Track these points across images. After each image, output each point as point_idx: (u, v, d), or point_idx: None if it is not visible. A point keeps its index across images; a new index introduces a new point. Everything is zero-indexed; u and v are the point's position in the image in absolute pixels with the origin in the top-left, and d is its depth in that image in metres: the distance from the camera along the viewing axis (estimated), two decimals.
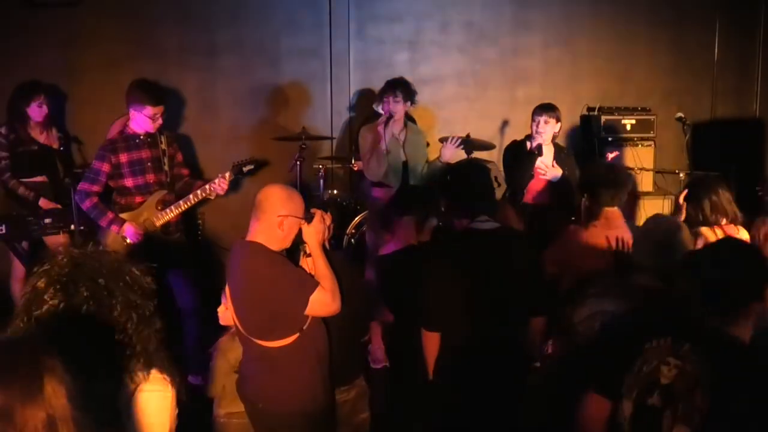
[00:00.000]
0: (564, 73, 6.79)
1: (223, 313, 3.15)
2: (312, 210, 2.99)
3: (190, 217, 5.51)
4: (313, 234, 2.96)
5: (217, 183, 4.44)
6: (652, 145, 6.47)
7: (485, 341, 3.23)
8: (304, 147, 5.74)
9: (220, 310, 3.16)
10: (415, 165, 5.39)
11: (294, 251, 3.02)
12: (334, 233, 3.21)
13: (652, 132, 6.50)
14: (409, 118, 5.57)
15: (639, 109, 6.61)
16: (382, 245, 4.18)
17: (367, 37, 6.56)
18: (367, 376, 3.53)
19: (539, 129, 5.08)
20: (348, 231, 5.70)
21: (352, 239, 5.70)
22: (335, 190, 6.14)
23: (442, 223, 3.87)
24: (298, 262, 3.00)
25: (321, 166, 5.96)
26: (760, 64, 7.09)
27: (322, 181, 5.94)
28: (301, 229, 2.96)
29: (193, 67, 6.23)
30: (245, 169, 4.59)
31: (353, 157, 5.93)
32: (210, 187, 4.46)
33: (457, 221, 3.40)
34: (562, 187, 5.11)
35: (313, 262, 2.96)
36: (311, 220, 2.96)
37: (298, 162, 5.67)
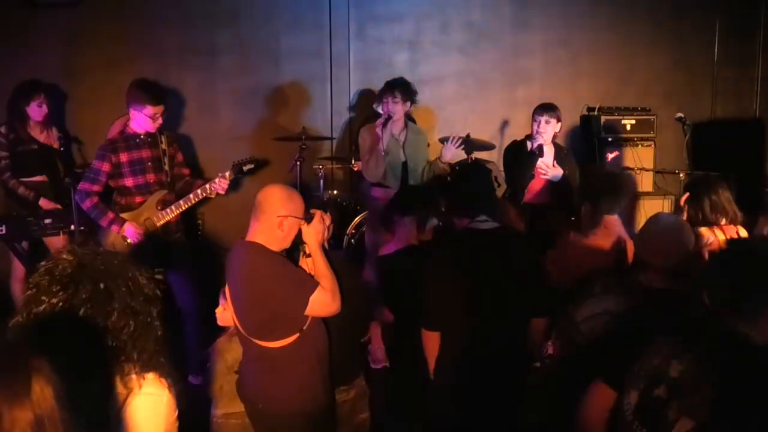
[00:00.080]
0: (564, 73, 6.79)
1: (221, 313, 3.14)
2: (312, 210, 2.99)
3: (190, 217, 5.51)
4: (313, 234, 2.96)
5: (218, 182, 4.44)
6: (652, 145, 6.48)
7: (485, 341, 3.22)
8: (304, 147, 5.74)
9: (218, 311, 3.16)
10: (415, 166, 5.37)
11: (294, 251, 3.02)
12: (334, 233, 3.22)
13: (652, 132, 6.51)
14: (409, 119, 5.56)
15: (639, 109, 6.61)
16: (382, 245, 4.18)
17: (367, 38, 6.56)
18: (367, 376, 3.53)
19: (540, 129, 5.07)
20: (348, 231, 5.70)
21: (352, 239, 5.70)
22: (335, 190, 6.15)
23: (442, 223, 3.87)
24: (298, 262, 3.00)
25: (321, 167, 5.97)
26: (760, 64, 7.10)
27: (322, 181, 5.95)
28: (300, 230, 2.96)
29: (193, 67, 6.23)
30: (245, 168, 4.58)
31: (353, 157, 5.93)
32: (210, 187, 4.45)
33: (457, 221, 3.41)
34: (562, 187, 5.10)
35: (313, 263, 2.96)
36: (311, 220, 2.96)
37: (298, 162, 5.67)
